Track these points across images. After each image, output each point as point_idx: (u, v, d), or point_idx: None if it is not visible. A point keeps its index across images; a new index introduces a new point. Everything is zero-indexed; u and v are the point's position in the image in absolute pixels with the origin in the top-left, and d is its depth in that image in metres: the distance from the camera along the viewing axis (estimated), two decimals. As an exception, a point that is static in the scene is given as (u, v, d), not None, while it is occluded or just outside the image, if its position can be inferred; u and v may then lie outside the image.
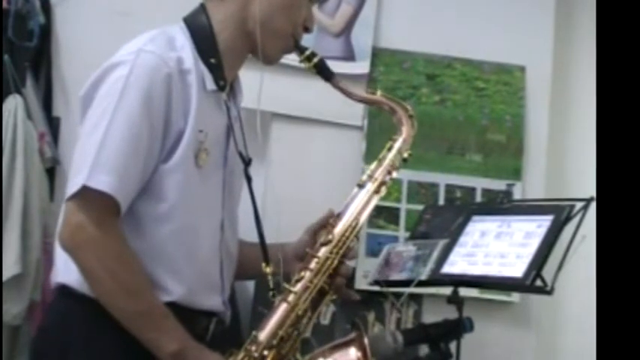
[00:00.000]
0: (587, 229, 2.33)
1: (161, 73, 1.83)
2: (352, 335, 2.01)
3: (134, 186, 1.80)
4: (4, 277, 2.76)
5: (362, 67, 3.25)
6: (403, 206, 3.27)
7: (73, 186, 1.78)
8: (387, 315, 3.21)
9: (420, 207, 3.04)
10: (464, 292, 2.49)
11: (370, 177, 2.04)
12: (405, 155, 2.08)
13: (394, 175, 2.07)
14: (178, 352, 1.79)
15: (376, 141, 2.07)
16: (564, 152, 3.48)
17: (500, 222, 2.57)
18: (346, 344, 2.00)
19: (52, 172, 3.12)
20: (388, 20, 3.33)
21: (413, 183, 3.27)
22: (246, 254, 2.08)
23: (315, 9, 3.27)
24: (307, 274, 1.94)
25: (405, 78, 3.34)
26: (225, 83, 1.94)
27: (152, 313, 1.80)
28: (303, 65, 2.05)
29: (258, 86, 2.05)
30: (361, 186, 2.04)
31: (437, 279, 2.53)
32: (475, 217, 2.63)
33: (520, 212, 2.62)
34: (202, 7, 2.00)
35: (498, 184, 3.31)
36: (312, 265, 1.95)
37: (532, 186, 3.34)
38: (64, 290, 1.86)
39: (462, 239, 2.58)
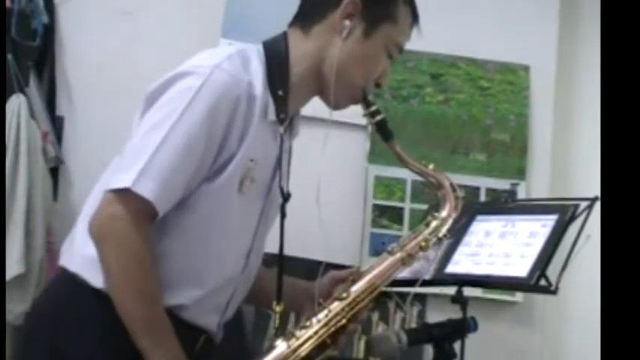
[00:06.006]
0: (591, 229, 2.33)
1: (231, 94, 1.81)
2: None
3: (175, 197, 1.80)
4: (8, 277, 2.76)
5: (366, 66, 3.24)
6: (407, 206, 3.27)
7: (118, 181, 1.76)
8: (391, 315, 3.21)
9: (424, 206, 3.04)
10: (468, 291, 2.48)
11: (401, 247, 2.00)
12: (441, 235, 2.04)
13: (423, 253, 2.04)
14: None
15: (380, 141, 2.05)
16: (568, 151, 3.47)
17: (504, 221, 2.56)
18: None
19: (56, 171, 3.13)
20: (392, 19, 3.32)
21: (417, 182, 3.26)
22: (263, 283, 2.05)
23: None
24: (315, 325, 1.89)
25: (409, 77, 3.33)
26: (285, 117, 1.93)
27: (155, 323, 1.79)
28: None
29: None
30: (391, 253, 2.02)
31: (441, 278, 2.52)
32: (479, 217, 2.63)
33: (524, 212, 2.61)
34: (284, 35, 1.97)
35: (502, 184, 3.31)
36: (321, 315, 1.91)
37: (536, 185, 3.34)
38: (67, 274, 1.86)
39: (466, 239, 2.57)
